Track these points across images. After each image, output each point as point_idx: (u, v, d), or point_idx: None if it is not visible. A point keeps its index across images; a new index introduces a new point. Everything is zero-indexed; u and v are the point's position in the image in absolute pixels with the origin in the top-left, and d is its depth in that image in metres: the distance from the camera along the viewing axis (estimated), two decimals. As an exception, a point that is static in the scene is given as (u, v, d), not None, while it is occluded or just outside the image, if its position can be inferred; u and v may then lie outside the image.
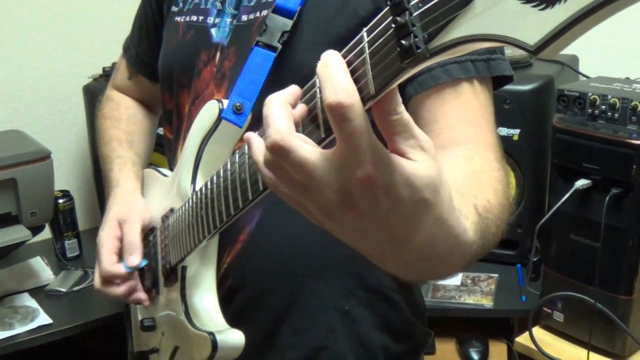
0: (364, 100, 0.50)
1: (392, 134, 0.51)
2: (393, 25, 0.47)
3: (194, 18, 1.09)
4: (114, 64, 1.83)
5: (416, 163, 0.52)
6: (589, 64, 2.15)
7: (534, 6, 0.39)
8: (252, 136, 0.60)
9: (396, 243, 0.56)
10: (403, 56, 0.46)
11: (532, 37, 0.40)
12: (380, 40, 0.49)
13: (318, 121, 0.56)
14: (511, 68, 0.95)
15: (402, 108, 0.51)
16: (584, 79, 2.03)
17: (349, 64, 0.52)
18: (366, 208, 0.52)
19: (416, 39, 0.45)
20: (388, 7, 0.47)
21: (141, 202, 1.17)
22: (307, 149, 0.52)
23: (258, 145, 0.58)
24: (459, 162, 0.81)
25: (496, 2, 0.41)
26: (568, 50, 2.12)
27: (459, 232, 0.59)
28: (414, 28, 0.45)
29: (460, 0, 0.43)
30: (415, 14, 0.45)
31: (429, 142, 0.53)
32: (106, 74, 2.17)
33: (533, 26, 0.40)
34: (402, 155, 0.52)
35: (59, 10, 2.29)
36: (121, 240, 1.12)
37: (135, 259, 1.09)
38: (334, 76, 0.50)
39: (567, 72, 2.05)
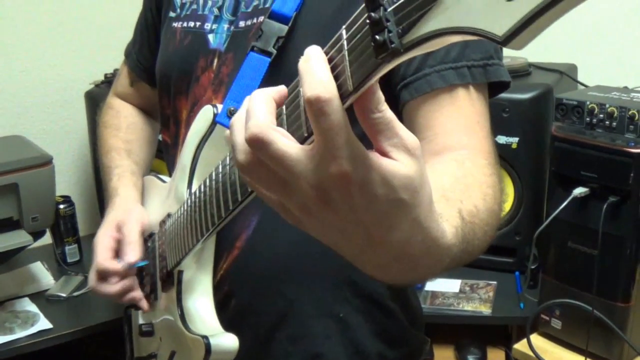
0: (344, 97, 0.50)
1: (374, 133, 0.51)
2: (368, 21, 0.47)
3: (192, 24, 1.10)
4: (115, 71, 1.84)
5: (396, 162, 0.52)
6: (587, 73, 2.15)
7: None
8: (230, 138, 0.59)
9: (371, 242, 0.56)
10: (378, 51, 0.47)
11: (500, 28, 0.40)
12: (358, 36, 0.49)
13: (301, 119, 0.56)
14: (509, 74, 0.94)
15: (384, 107, 0.51)
16: (583, 87, 2.04)
17: (330, 60, 0.52)
18: (341, 205, 0.53)
19: (390, 34, 0.46)
20: (364, 4, 0.48)
21: (140, 207, 1.18)
22: (286, 143, 0.52)
23: (238, 145, 0.57)
24: (449, 166, 0.81)
25: None
26: (567, 59, 2.15)
27: (437, 234, 0.59)
28: (388, 23, 0.46)
29: None
30: (389, 10, 0.46)
31: (414, 142, 0.52)
32: (108, 80, 2.18)
33: (501, 17, 0.40)
34: (385, 154, 0.52)
35: (61, 17, 2.31)
36: (118, 241, 1.12)
37: (133, 255, 1.09)
38: (313, 71, 0.50)
39: (565, 81, 2.06)
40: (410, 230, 0.56)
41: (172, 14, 1.14)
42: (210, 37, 1.07)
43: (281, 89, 0.57)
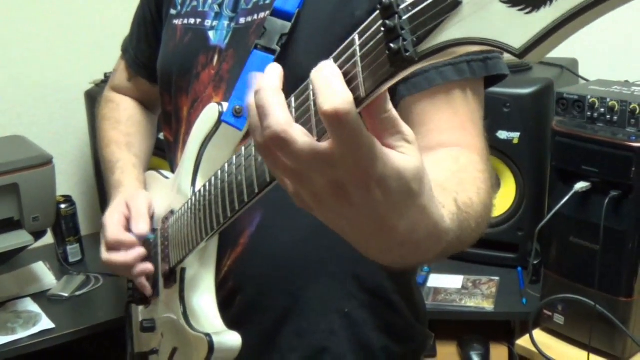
0: (356, 103, 0.50)
1: (381, 131, 0.53)
2: (382, 29, 0.47)
3: (192, 21, 1.10)
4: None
5: (405, 156, 0.54)
6: (588, 67, 2.15)
7: (520, 10, 0.40)
8: (250, 119, 0.59)
9: (381, 229, 0.58)
10: (392, 59, 0.47)
11: (517, 41, 0.40)
12: (371, 43, 0.49)
13: (311, 123, 0.56)
14: (507, 67, 0.94)
15: (390, 106, 0.52)
16: (583, 82, 2.03)
17: (341, 67, 0.52)
18: (358, 199, 0.54)
19: (405, 42, 0.46)
20: (378, 11, 0.48)
21: (146, 192, 1.18)
22: (306, 142, 0.53)
23: (256, 129, 0.57)
24: (444, 160, 0.82)
25: (483, 6, 0.42)
26: (567, 54, 2.14)
27: (437, 218, 0.62)
28: (402, 31, 0.46)
29: (448, 4, 0.43)
30: (404, 18, 0.46)
31: (412, 134, 0.55)
32: (108, 80, 2.18)
33: (519, 30, 0.40)
34: (392, 148, 0.54)
35: (60, 16, 2.31)
36: (127, 218, 1.12)
37: (143, 227, 1.09)
38: (329, 82, 0.50)
39: (566, 76, 2.06)
40: (417, 217, 0.58)
41: (172, 12, 1.14)
42: (211, 33, 1.07)
43: (280, 72, 0.57)
